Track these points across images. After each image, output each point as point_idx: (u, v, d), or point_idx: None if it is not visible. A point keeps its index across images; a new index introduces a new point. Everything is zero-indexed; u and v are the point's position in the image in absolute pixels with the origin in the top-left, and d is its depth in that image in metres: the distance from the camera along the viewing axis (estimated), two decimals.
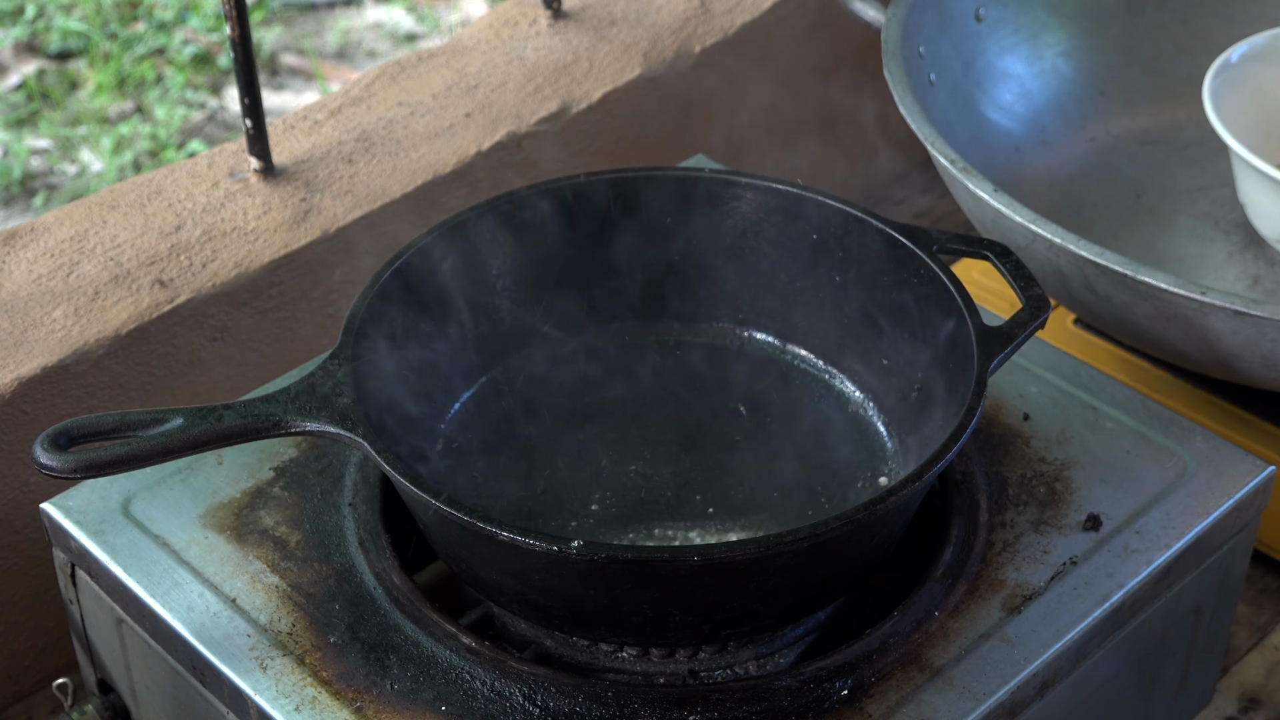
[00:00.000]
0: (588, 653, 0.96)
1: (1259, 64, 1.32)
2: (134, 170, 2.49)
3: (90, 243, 1.21)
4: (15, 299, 1.17)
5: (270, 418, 0.91)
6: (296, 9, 2.84)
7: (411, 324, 1.03)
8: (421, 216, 1.28)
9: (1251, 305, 1.04)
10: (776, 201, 1.08)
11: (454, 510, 0.86)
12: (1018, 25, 1.42)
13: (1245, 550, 1.07)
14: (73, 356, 1.14)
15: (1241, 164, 1.24)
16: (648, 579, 0.87)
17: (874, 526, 0.91)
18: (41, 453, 0.87)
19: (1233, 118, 1.26)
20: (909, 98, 1.20)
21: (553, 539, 0.84)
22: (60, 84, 2.65)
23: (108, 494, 1.02)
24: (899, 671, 0.92)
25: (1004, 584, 0.97)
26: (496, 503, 1.02)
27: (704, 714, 0.89)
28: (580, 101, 1.37)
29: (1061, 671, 0.95)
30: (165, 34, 2.76)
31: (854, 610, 1.00)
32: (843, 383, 1.10)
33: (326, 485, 1.02)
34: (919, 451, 0.99)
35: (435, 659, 0.92)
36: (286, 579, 0.97)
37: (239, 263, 1.21)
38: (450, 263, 1.05)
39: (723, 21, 1.46)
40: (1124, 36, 1.45)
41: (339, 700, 0.90)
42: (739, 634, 0.94)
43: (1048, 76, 1.43)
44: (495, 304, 1.08)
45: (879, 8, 1.29)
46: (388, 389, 1.00)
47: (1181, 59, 1.45)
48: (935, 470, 0.89)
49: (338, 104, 1.35)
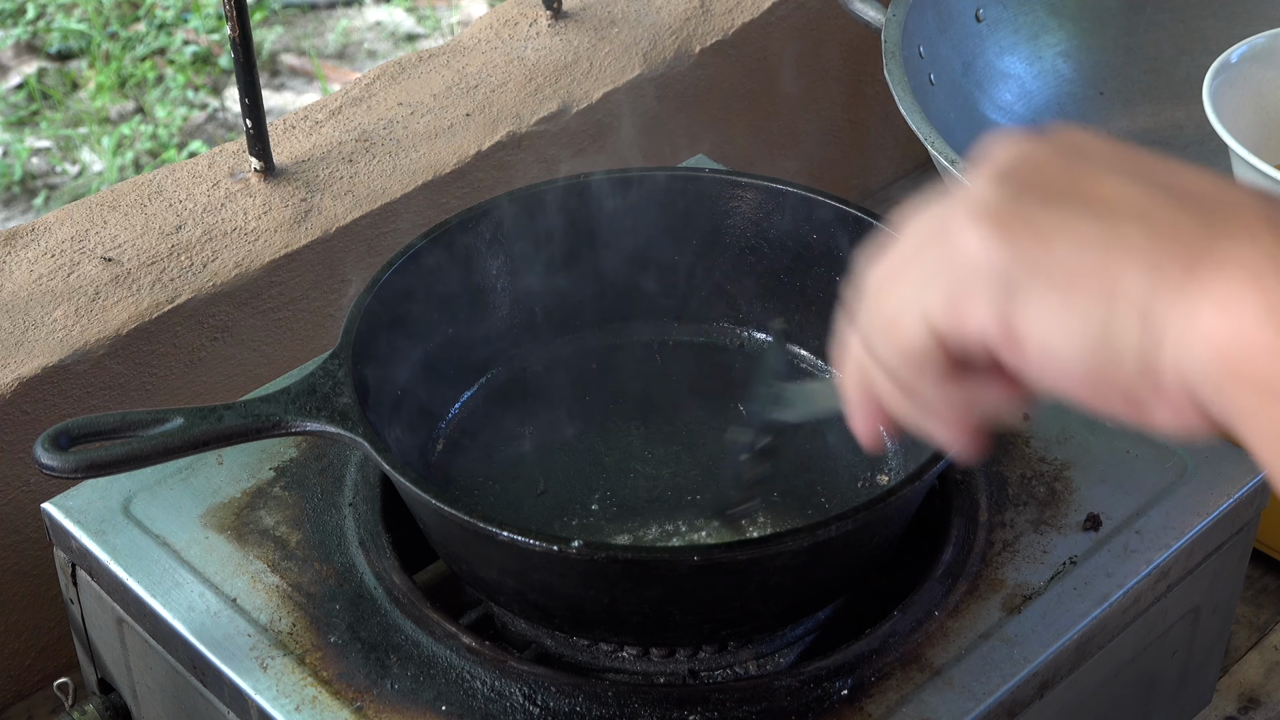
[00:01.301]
0: (588, 653, 0.96)
1: (1258, 64, 1.32)
2: (134, 170, 2.50)
3: (90, 243, 1.21)
4: (15, 299, 1.17)
5: (270, 418, 0.91)
6: (297, 9, 2.84)
7: (412, 324, 1.03)
8: (421, 216, 1.28)
9: None
10: (776, 201, 1.08)
11: (454, 510, 0.86)
12: (1018, 25, 1.42)
13: (1245, 550, 1.07)
14: (73, 356, 1.14)
15: (1241, 164, 1.24)
16: (648, 579, 0.87)
17: (874, 526, 0.91)
18: (42, 453, 0.87)
19: (1232, 118, 1.26)
20: (909, 98, 1.20)
21: (553, 539, 0.84)
22: (61, 84, 2.66)
23: (108, 494, 1.02)
24: (899, 671, 0.92)
25: (1004, 584, 0.97)
26: (496, 503, 1.02)
27: (704, 714, 0.89)
28: (580, 101, 1.37)
29: (1061, 671, 0.95)
30: (166, 34, 2.76)
31: (854, 610, 1.00)
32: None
33: (327, 485, 1.02)
34: (919, 451, 0.99)
35: (435, 659, 0.92)
36: (287, 579, 0.97)
37: (239, 263, 1.21)
38: (450, 263, 1.05)
39: (723, 21, 1.46)
40: (1124, 36, 1.45)
41: (339, 700, 0.90)
42: (739, 634, 0.94)
43: (1048, 76, 1.43)
44: (495, 304, 1.08)
45: (879, 8, 1.29)
46: (388, 389, 1.00)
47: (1181, 59, 1.45)
48: (935, 470, 0.89)
49: (338, 104, 1.35)
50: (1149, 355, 0.49)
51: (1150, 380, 0.50)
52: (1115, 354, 0.50)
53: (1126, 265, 0.49)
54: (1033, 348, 0.52)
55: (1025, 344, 0.52)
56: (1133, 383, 0.50)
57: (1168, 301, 0.48)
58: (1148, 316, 0.49)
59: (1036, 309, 0.51)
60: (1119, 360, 0.50)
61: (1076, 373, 0.51)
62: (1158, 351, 0.49)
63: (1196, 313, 0.48)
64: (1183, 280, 0.48)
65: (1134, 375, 0.50)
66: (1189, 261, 0.48)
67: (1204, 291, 0.47)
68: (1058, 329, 0.51)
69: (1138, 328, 0.49)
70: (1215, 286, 0.47)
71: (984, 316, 0.52)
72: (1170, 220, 0.49)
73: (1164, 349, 0.49)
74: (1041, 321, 0.51)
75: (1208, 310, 0.47)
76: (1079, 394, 0.52)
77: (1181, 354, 0.48)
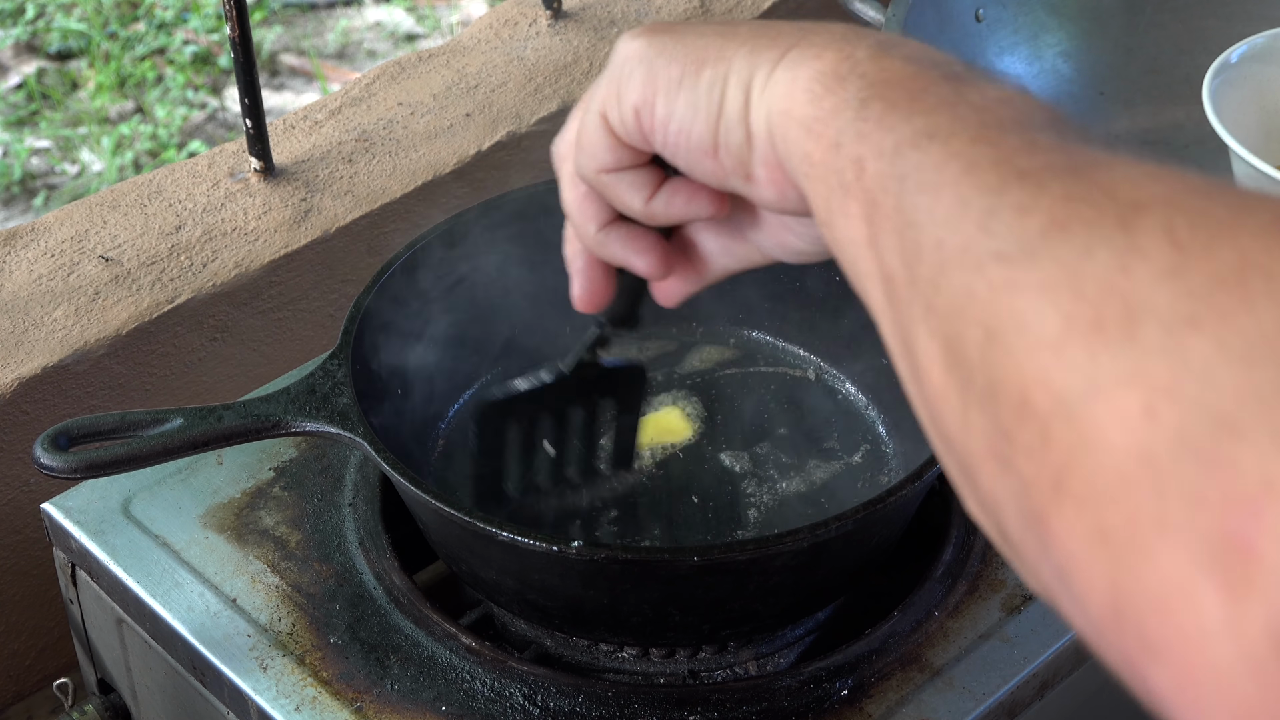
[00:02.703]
0: (588, 653, 0.96)
1: (1259, 64, 1.32)
2: (134, 170, 2.49)
3: (90, 243, 1.21)
4: (15, 299, 1.17)
5: (270, 418, 0.91)
6: (296, 9, 2.84)
7: (411, 324, 1.03)
8: (421, 216, 1.28)
9: None
10: None
11: (454, 510, 0.86)
12: (1018, 25, 1.42)
13: None
14: (73, 356, 1.14)
15: (1241, 164, 1.24)
16: (648, 579, 0.87)
17: (874, 526, 0.91)
18: (42, 453, 0.87)
19: (1233, 118, 1.26)
20: None
21: (553, 539, 0.84)
22: (60, 84, 2.66)
23: (108, 494, 1.02)
24: (899, 671, 0.92)
25: (1004, 584, 0.97)
26: (496, 502, 1.02)
27: (704, 714, 0.89)
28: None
29: (1061, 671, 0.95)
30: (165, 34, 2.76)
31: (854, 610, 1.00)
32: (843, 383, 1.10)
33: (326, 485, 1.02)
34: (919, 451, 0.99)
35: (435, 659, 0.92)
36: (287, 579, 0.97)
37: (239, 263, 1.21)
38: (450, 263, 1.05)
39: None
40: (1124, 36, 1.45)
41: (339, 700, 0.90)
42: (739, 634, 0.94)
43: (1048, 76, 1.43)
44: (494, 304, 1.08)
45: (879, 8, 1.29)
46: (388, 389, 1.00)
47: (1181, 59, 1.44)
48: (935, 470, 0.89)
49: (338, 104, 1.35)
50: (746, 119, 0.63)
51: (750, 143, 0.63)
52: (727, 122, 0.63)
53: (737, 51, 0.63)
54: (670, 124, 0.65)
55: (663, 121, 0.65)
56: (740, 147, 0.63)
57: (763, 76, 0.62)
58: (748, 89, 0.62)
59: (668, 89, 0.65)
60: (729, 127, 0.63)
61: (703, 143, 0.64)
62: (754, 116, 0.62)
63: (774, 78, 0.61)
64: (775, 61, 0.62)
65: (740, 141, 0.63)
66: (783, 49, 0.62)
67: (786, 65, 0.61)
68: (685, 103, 0.64)
69: (741, 98, 0.63)
70: (791, 59, 0.61)
71: (636, 96, 0.66)
72: (775, 29, 0.64)
73: (759, 114, 0.62)
74: (673, 98, 0.64)
75: (781, 76, 0.61)
76: (706, 166, 0.65)
77: (768, 116, 0.61)
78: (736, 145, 0.63)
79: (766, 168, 0.63)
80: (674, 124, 0.65)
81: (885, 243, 0.52)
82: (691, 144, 0.65)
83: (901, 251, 0.51)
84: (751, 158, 0.63)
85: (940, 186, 0.50)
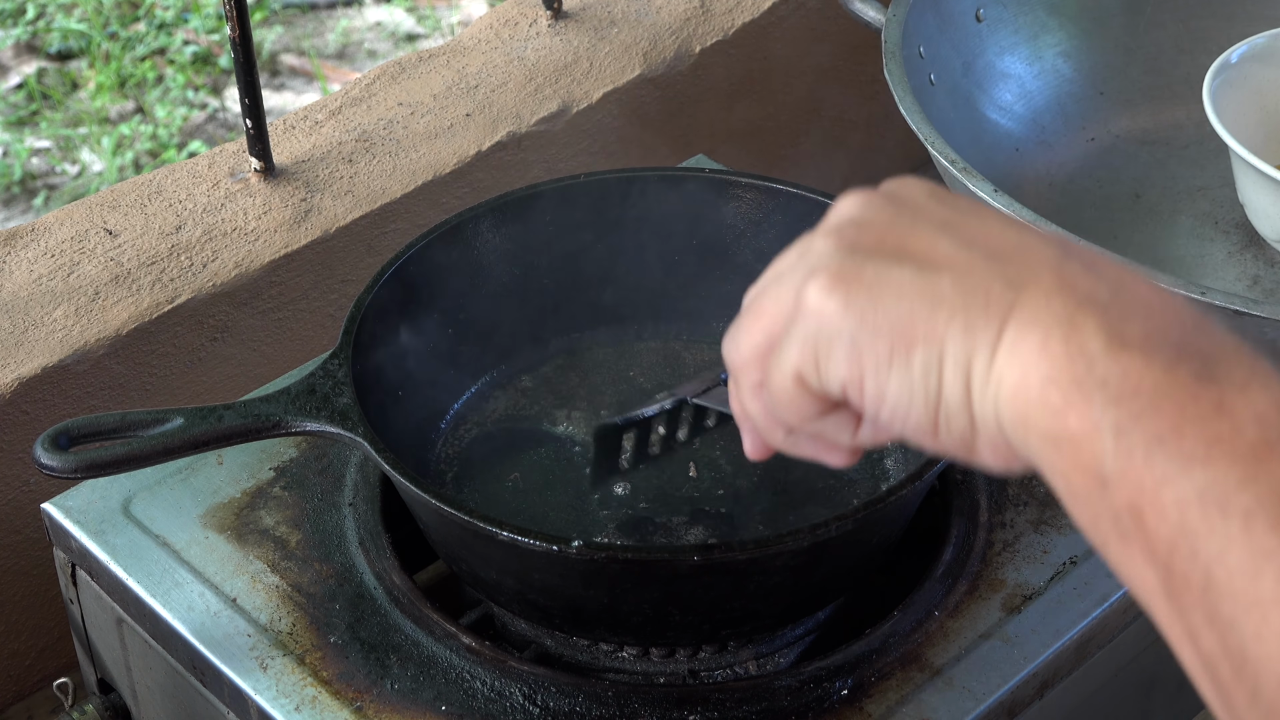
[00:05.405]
0: (588, 653, 0.96)
1: (1259, 64, 1.32)
2: (134, 170, 2.49)
3: (90, 243, 1.21)
4: (15, 299, 1.17)
5: (270, 418, 0.91)
6: (297, 9, 2.84)
7: (412, 324, 1.03)
8: (421, 216, 1.28)
9: (1251, 305, 1.04)
10: (776, 201, 1.08)
11: (454, 510, 0.86)
12: (1018, 25, 1.42)
13: None
14: (73, 356, 1.14)
15: (1241, 164, 1.24)
16: (648, 579, 0.87)
17: (874, 526, 0.91)
18: (42, 453, 0.87)
19: (1232, 118, 1.26)
20: (909, 98, 1.20)
21: (553, 539, 0.84)
22: (60, 84, 2.66)
23: (108, 494, 1.02)
24: (899, 671, 0.92)
25: (1004, 584, 0.97)
26: (496, 502, 1.02)
27: (704, 714, 0.89)
28: (580, 101, 1.37)
29: (1061, 671, 0.95)
30: (165, 34, 2.76)
31: (854, 610, 1.00)
32: None
33: (326, 485, 1.02)
34: (919, 451, 0.99)
35: (435, 659, 0.92)
36: (287, 579, 0.97)
37: (239, 263, 1.21)
38: (450, 263, 1.05)
39: (723, 21, 1.46)
40: (1124, 36, 1.45)
41: (339, 700, 0.90)
42: (739, 634, 0.94)
43: (1048, 76, 1.43)
44: (495, 303, 1.08)
45: (879, 8, 1.29)
46: (388, 389, 1.00)
47: (1181, 59, 1.44)
48: (935, 470, 0.89)
49: (338, 104, 1.35)
50: (969, 409, 0.58)
51: (975, 428, 0.59)
52: (947, 409, 0.59)
53: (948, 329, 0.58)
54: (883, 404, 0.61)
55: (874, 399, 0.61)
56: (964, 431, 0.59)
57: (982, 363, 0.57)
58: (968, 376, 0.58)
59: (877, 369, 0.60)
60: (950, 415, 0.59)
61: (921, 426, 0.60)
62: (978, 406, 0.58)
63: (996, 369, 0.57)
64: (993, 344, 0.57)
65: (964, 427, 0.59)
66: (998, 324, 0.57)
67: (1007, 351, 0.57)
68: (899, 386, 0.60)
69: (962, 385, 0.58)
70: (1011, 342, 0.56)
71: (843, 373, 0.61)
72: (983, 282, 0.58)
73: (985, 405, 0.58)
74: (884, 380, 0.60)
75: (1005, 370, 0.57)
76: (923, 440, 0.61)
77: (996, 409, 0.57)
78: (960, 430, 0.59)
79: (994, 449, 0.59)
80: (888, 405, 0.60)
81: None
82: (909, 425, 0.61)
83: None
84: (977, 441, 0.59)
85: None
